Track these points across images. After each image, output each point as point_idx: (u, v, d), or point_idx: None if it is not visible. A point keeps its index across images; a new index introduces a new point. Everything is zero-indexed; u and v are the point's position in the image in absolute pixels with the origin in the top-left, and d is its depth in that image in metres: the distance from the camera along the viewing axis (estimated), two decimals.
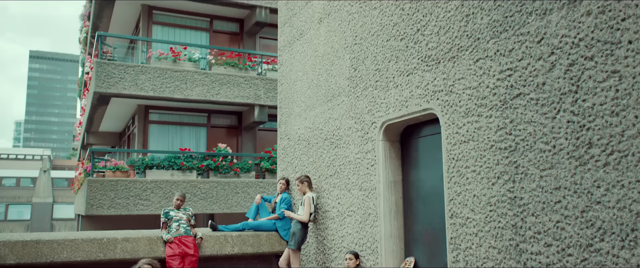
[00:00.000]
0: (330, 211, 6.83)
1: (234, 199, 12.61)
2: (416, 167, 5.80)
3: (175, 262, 6.70)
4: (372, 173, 6.04)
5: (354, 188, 6.34)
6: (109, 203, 11.52)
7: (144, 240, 6.82)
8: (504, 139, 4.34)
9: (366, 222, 6.08)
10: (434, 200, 5.45)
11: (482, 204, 4.50)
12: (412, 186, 5.83)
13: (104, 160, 12.82)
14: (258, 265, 7.72)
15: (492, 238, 4.39)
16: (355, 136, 6.37)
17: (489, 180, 4.45)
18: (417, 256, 5.66)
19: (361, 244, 6.15)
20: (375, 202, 5.95)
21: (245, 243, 7.45)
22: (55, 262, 6.35)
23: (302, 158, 7.66)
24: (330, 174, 6.87)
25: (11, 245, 6.17)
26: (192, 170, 12.59)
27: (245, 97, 13.47)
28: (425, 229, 5.58)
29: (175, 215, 7.05)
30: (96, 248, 6.56)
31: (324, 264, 6.92)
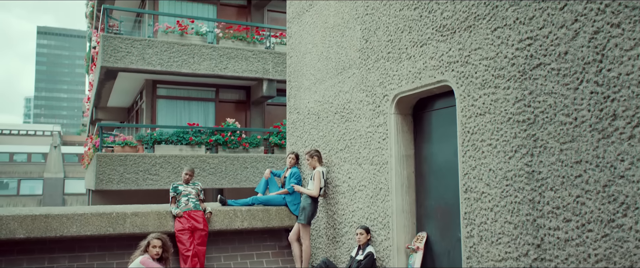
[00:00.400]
0: (340, 186, 6.74)
1: (243, 174, 12.57)
2: (429, 141, 5.67)
3: (185, 237, 6.67)
4: (383, 147, 5.91)
5: (365, 162, 6.23)
6: (119, 178, 11.52)
7: (153, 214, 6.79)
8: (522, 111, 4.18)
9: (377, 196, 5.99)
10: (447, 174, 5.33)
11: (498, 178, 4.37)
12: (425, 160, 5.70)
13: (112, 135, 12.79)
14: (268, 239, 7.69)
15: (508, 213, 4.27)
16: (367, 109, 6.23)
17: (505, 154, 4.32)
18: (430, 231, 5.57)
19: (372, 219, 6.07)
20: (386, 176, 5.84)
21: (255, 218, 7.40)
22: (64, 236, 6.33)
23: (312, 133, 7.54)
24: (341, 148, 6.76)
25: (20, 219, 6.16)
26: (201, 145, 12.53)
27: (254, 71, 13.30)
28: (437, 204, 5.47)
29: (184, 190, 7.00)
30: (105, 223, 6.54)
31: (334, 239, 6.86)
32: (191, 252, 6.61)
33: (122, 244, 6.73)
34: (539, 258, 3.99)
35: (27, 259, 6.31)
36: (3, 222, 6.08)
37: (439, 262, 5.39)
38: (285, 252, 7.68)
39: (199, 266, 6.62)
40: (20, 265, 6.26)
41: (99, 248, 6.69)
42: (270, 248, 7.63)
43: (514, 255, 4.20)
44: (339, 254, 6.71)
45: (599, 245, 3.58)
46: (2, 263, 6.19)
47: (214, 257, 7.19)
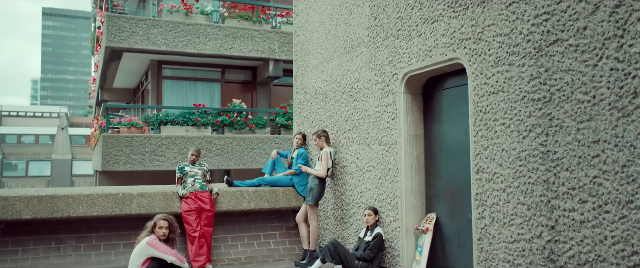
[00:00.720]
0: (348, 166, 6.65)
1: (250, 155, 12.51)
2: (439, 121, 5.55)
3: (192, 217, 6.63)
4: (392, 127, 5.80)
5: (374, 142, 6.12)
6: (125, 159, 11.49)
7: (159, 195, 6.74)
8: (537, 89, 4.04)
9: (386, 177, 5.89)
10: (458, 154, 5.22)
11: (511, 159, 4.26)
12: (435, 140, 5.59)
13: (118, 116, 12.74)
14: (275, 220, 7.65)
15: (521, 194, 4.17)
16: (375, 89, 6.10)
17: (519, 134, 4.19)
18: (439, 212, 5.48)
19: (381, 200, 5.99)
20: (395, 156, 5.74)
21: (262, 198, 7.34)
22: (71, 216, 6.31)
23: (319, 113, 7.43)
24: (349, 128, 6.65)
25: (27, 200, 6.13)
26: (207, 126, 12.46)
27: (260, 51, 13.15)
28: (448, 185, 5.38)
29: (190, 171, 6.93)
30: (112, 203, 6.50)
31: (342, 220, 6.80)
32: (198, 232, 6.57)
33: (128, 225, 6.70)
34: (553, 240, 3.90)
35: (34, 240, 6.30)
36: (9, 202, 6.05)
37: (448, 244, 5.32)
38: (293, 233, 7.64)
39: (205, 247, 6.59)
40: (27, 245, 6.25)
41: (105, 228, 6.67)
42: (278, 229, 7.59)
43: (526, 237, 4.11)
44: (347, 235, 6.65)
45: (616, 226, 3.47)
46: (9, 244, 6.18)
47: (221, 238, 7.16)
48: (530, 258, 4.08)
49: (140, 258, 5.14)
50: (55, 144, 45.72)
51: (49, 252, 6.29)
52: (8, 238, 6.20)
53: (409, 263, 5.57)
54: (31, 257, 6.19)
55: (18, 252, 6.17)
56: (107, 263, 6.41)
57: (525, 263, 4.12)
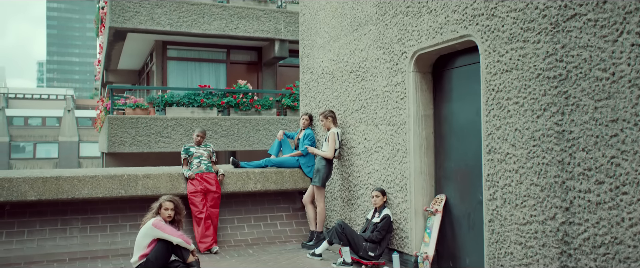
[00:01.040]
0: (356, 147, 6.55)
1: (256, 136, 12.43)
2: (449, 100, 5.41)
3: (198, 199, 6.57)
4: (401, 107, 5.67)
5: (382, 123, 6.00)
6: (131, 140, 11.44)
7: (165, 176, 6.68)
8: (553, 67, 3.90)
9: (394, 158, 5.79)
10: (468, 135, 5.09)
11: (525, 139, 4.13)
12: (445, 120, 5.47)
13: (123, 97, 12.66)
14: (281, 202, 7.58)
15: (534, 175, 4.05)
16: (384, 68, 5.96)
17: (533, 113, 4.06)
18: (449, 193, 5.38)
19: (389, 181, 5.89)
20: (404, 137, 5.62)
21: (268, 180, 7.27)
22: (76, 198, 6.26)
23: (326, 93, 7.31)
24: (356, 109, 6.53)
25: (31, 182, 6.08)
26: (213, 107, 12.36)
27: (265, 31, 12.98)
28: (457, 166, 5.27)
29: (195, 152, 6.86)
30: (117, 185, 6.44)
31: (349, 201, 6.72)
32: (204, 214, 6.52)
33: (134, 206, 6.66)
34: (567, 222, 3.79)
35: (40, 221, 6.27)
36: (14, 184, 6.00)
37: (458, 225, 5.23)
38: (299, 214, 7.58)
39: (211, 228, 6.55)
40: (33, 226, 6.22)
41: (111, 210, 6.63)
42: (284, 211, 7.53)
43: (539, 218, 4.01)
44: (355, 217, 6.58)
45: (634, 208, 3.36)
46: (15, 225, 6.15)
47: (227, 219, 7.12)
48: (543, 240, 3.98)
49: (146, 239, 5.08)
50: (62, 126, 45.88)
51: (54, 234, 6.27)
52: (14, 220, 6.18)
53: (418, 245, 5.50)
54: (37, 239, 6.17)
55: (24, 234, 6.15)
56: (113, 244, 6.39)
57: (537, 245, 4.02)
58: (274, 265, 5.73)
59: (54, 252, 6.10)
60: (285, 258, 6.12)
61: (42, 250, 6.08)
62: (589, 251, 3.63)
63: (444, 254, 5.41)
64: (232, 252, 6.51)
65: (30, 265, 5.78)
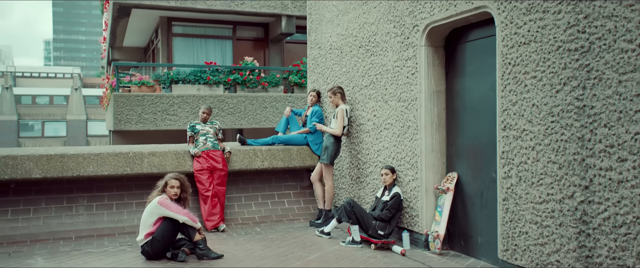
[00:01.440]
0: (365, 124, 6.40)
1: (263, 114, 12.29)
2: (462, 75, 5.23)
3: (204, 177, 6.48)
4: (412, 82, 5.50)
5: (392, 99, 5.84)
6: (137, 118, 11.34)
7: (170, 154, 6.58)
8: (574, 39, 3.71)
9: (405, 135, 5.64)
10: (482, 111, 4.93)
11: (543, 114, 3.96)
12: (457, 96, 5.29)
13: (129, 74, 12.52)
14: (289, 179, 7.48)
15: (552, 152, 3.90)
16: (394, 42, 5.77)
17: (552, 87, 3.89)
18: (461, 171, 5.24)
19: (399, 159, 5.75)
20: (415, 113, 5.46)
21: (275, 157, 7.16)
22: (81, 176, 6.18)
23: (335, 69, 7.13)
24: (366, 85, 6.36)
25: (36, 159, 6.00)
26: (219, 84, 12.21)
27: (272, 6, 12.73)
28: (470, 143, 5.11)
29: (201, 129, 6.74)
30: (122, 163, 6.35)
31: (358, 179, 6.60)
32: (211, 192, 6.43)
33: (140, 184, 6.58)
34: (587, 201, 3.65)
35: (46, 199, 6.21)
36: (18, 161, 5.92)
37: (470, 204, 5.10)
38: (307, 192, 7.48)
39: (218, 206, 6.47)
40: (39, 205, 6.16)
41: (117, 188, 6.55)
42: (292, 189, 7.44)
43: (557, 197, 3.86)
44: (363, 195, 6.46)
45: None
46: (20, 203, 6.10)
47: (234, 197, 7.03)
48: (560, 220, 3.84)
49: (152, 218, 5.01)
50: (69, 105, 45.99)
51: (60, 212, 6.21)
52: (19, 198, 6.12)
53: (428, 224, 5.38)
54: (43, 216, 6.12)
55: (30, 211, 6.09)
56: (119, 222, 6.33)
57: (554, 225, 3.89)
58: (282, 244, 5.65)
59: (60, 230, 6.05)
60: (293, 236, 6.04)
61: (48, 228, 6.03)
62: (609, 231, 3.49)
63: (455, 233, 5.30)
64: (239, 230, 6.44)
65: (37, 243, 5.74)
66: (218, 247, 5.44)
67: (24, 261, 4.99)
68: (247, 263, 4.86)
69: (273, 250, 5.39)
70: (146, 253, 4.97)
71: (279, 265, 4.78)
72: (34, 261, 5.00)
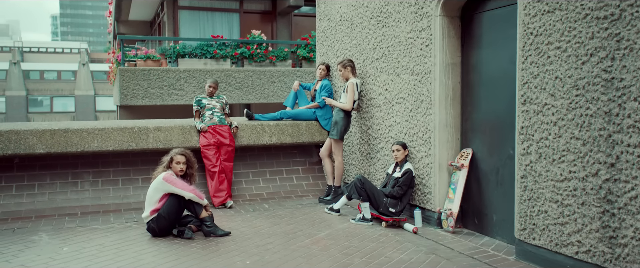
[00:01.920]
0: (376, 98, 6.19)
1: (270, 89, 12.08)
2: (479, 47, 4.99)
3: (211, 152, 6.33)
4: (426, 55, 5.27)
5: (405, 72, 5.62)
6: (143, 93, 11.19)
7: (176, 129, 6.43)
8: (604, 6, 3.46)
9: (418, 110, 5.43)
10: (500, 84, 4.70)
11: (567, 87, 3.74)
12: (473, 69, 5.06)
13: (134, 48, 12.33)
14: (297, 155, 7.33)
15: (575, 128, 3.69)
16: (407, 12, 5.52)
17: (578, 59, 3.65)
18: (476, 147, 5.05)
19: (411, 134, 5.56)
20: (429, 87, 5.25)
21: (284, 133, 6.99)
22: (86, 151, 6.06)
23: (345, 41, 6.89)
24: (377, 57, 6.13)
25: (39, 134, 5.87)
26: (226, 58, 12.00)
27: None
28: (486, 118, 4.90)
29: (208, 103, 6.57)
30: (127, 138, 6.22)
31: (368, 155, 6.43)
32: (217, 168, 6.30)
33: (146, 159, 6.46)
34: (612, 179, 3.46)
35: (50, 174, 6.11)
36: (21, 136, 5.80)
37: (485, 181, 4.92)
38: (316, 168, 7.33)
39: (226, 182, 6.34)
40: (44, 180, 6.07)
41: (122, 163, 6.44)
42: (300, 165, 7.29)
43: (580, 175, 3.67)
44: (374, 171, 6.30)
45: None
46: (25, 178, 6.00)
47: (242, 173, 6.90)
48: (582, 198, 3.66)
49: (157, 194, 4.88)
50: (77, 80, 45.97)
51: (66, 187, 6.12)
52: (23, 173, 6.02)
53: (441, 201, 5.22)
54: (48, 192, 6.02)
55: (34, 187, 6.00)
56: (125, 198, 6.23)
57: (576, 204, 3.71)
58: (291, 221, 5.53)
59: (66, 206, 5.96)
60: (302, 213, 5.91)
61: (53, 204, 5.94)
62: (635, 211, 3.31)
63: (469, 211, 5.13)
64: (247, 206, 6.32)
65: (42, 219, 5.65)
66: (225, 224, 5.32)
67: (28, 237, 4.91)
68: (255, 240, 4.74)
69: (281, 227, 5.26)
70: (152, 230, 4.86)
71: (287, 243, 4.65)
72: (38, 237, 4.91)
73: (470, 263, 4.13)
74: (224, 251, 4.41)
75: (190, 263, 4.07)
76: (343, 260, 4.15)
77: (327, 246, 4.57)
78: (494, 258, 4.25)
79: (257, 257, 4.25)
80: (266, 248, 4.50)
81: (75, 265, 4.05)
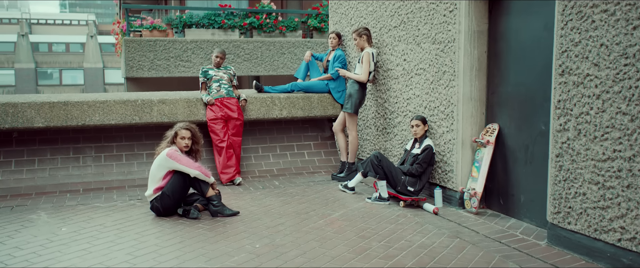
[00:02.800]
0: (393, 69, 5.80)
1: (280, 60, 11.67)
2: (508, 13, 4.56)
3: (218, 126, 6.01)
4: (449, 21, 4.85)
5: (426, 41, 5.20)
6: (149, 64, 10.84)
7: (182, 102, 6.10)
8: None
9: (439, 81, 5.04)
10: (532, 53, 4.29)
11: (614, 56, 3.34)
12: (502, 37, 4.64)
13: (139, 18, 11.93)
14: (309, 130, 6.99)
15: (622, 101, 3.30)
16: None
17: (628, 23, 3.24)
18: (503, 123, 4.67)
19: (432, 108, 5.18)
20: (452, 57, 4.84)
21: (295, 106, 6.64)
22: (87, 125, 5.76)
23: (359, 8, 6.46)
24: (395, 25, 5.71)
25: (38, 107, 5.57)
26: (234, 28, 11.56)
27: None
28: (515, 90, 4.51)
29: (215, 75, 6.21)
30: (131, 111, 5.90)
31: (384, 130, 6.07)
32: (225, 143, 5.98)
33: (150, 134, 6.15)
34: None
35: (51, 149, 5.84)
36: (19, 109, 5.51)
37: (512, 159, 4.56)
38: (329, 143, 7.00)
39: (234, 158, 6.03)
40: (44, 155, 5.79)
41: (126, 137, 6.15)
42: (312, 139, 6.96)
43: (626, 154, 3.30)
44: (390, 147, 5.95)
45: None
46: (24, 153, 5.73)
47: (251, 148, 6.59)
48: (628, 180, 3.29)
49: (160, 171, 4.58)
50: (85, 53, 45.67)
51: (67, 163, 5.85)
52: (23, 148, 5.75)
53: (464, 180, 4.87)
54: (49, 168, 5.76)
55: (34, 162, 5.73)
56: (129, 174, 5.95)
57: (620, 186, 3.34)
58: (302, 199, 5.22)
59: (67, 182, 5.70)
60: (314, 191, 5.60)
61: (54, 180, 5.68)
62: None
63: (493, 191, 4.79)
64: (256, 183, 6.02)
65: (42, 196, 5.40)
66: (233, 203, 5.03)
67: (26, 216, 4.65)
68: (265, 221, 4.45)
69: (293, 206, 4.96)
70: (156, 209, 4.58)
71: (299, 224, 4.35)
72: (36, 216, 4.65)
73: (498, 248, 3.81)
74: (232, 233, 4.12)
75: (195, 246, 3.79)
76: (360, 244, 3.85)
77: (342, 228, 4.26)
78: (523, 243, 3.92)
79: (267, 239, 3.95)
80: (277, 229, 4.20)
81: (72, 248, 3.78)
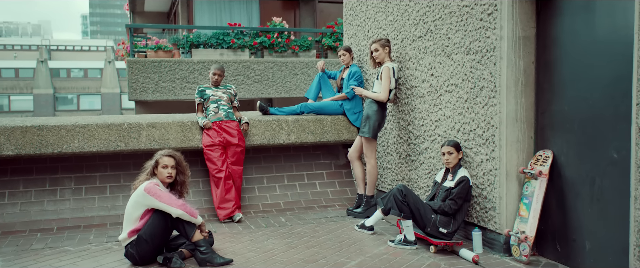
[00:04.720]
0: (418, 87, 4.95)
1: (293, 81, 10.92)
2: (561, 13, 3.71)
3: (216, 154, 5.20)
4: (487, 26, 4.01)
5: (458, 51, 4.36)
6: (153, 87, 10.18)
7: (174, 126, 5.33)
8: None
9: (475, 99, 4.18)
10: (598, 61, 3.42)
11: None
12: (554, 43, 3.78)
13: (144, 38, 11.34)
14: (321, 157, 6.15)
15: None
16: None
17: None
18: (558, 149, 3.77)
19: (466, 131, 4.31)
20: (492, 69, 3.98)
21: (305, 129, 5.82)
22: (64, 152, 5.01)
23: (378, 18, 5.66)
24: (420, 35, 4.89)
25: (8, 132, 4.84)
26: (244, 48, 10.89)
27: None
28: (575, 108, 3.62)
29: (212, 94, 5.44)
30: (115, 136, 5.14)
31: (408, 157, 5.20)
32: (224, 173, 5.17)
33: (139, 162, 5.28)
34: None
35: (23, 181, 5.09)
36: None
37: (572, 195, 3.64)
38: (344, 172, 6.14)
39: (234, 190, 5.20)
40: (16, 187, 5.05)
41: (111, 167, 5.38)
42: (325, 168, 6.10)
43: None
44: (415, 177, 5.07)
45: None
46: None
47: (255, 179, 5.76)
48: None
49: (137, 210, 3.77)
50: (103, 78, 45.90)
51: (42, 196, 5.08)
52: None
53: (510, 220, 3.96)
54: (20, 202, 5.00)
55: (4, 196, 4.99)
56: (113, 209, 5.16)
57: None
58: (311, 241, 4.36)
59: (40, 219, 4.92)
60: (326, 230, 4.73)
61: (26, 217, 4.91)
62: None
63: (547, 234, 3.86)
64: (258, 220, 5.17)
65: (8, 236, 4.62)
66: (229, 246, 4.19)
67: None
68: None
69: (299, 251, 4.09)
70: (131, 257, 3.76)
71: None
72: None
73: None
74: None
75: None
76: None
77: None
78: None
79: None
80: None
81: None
